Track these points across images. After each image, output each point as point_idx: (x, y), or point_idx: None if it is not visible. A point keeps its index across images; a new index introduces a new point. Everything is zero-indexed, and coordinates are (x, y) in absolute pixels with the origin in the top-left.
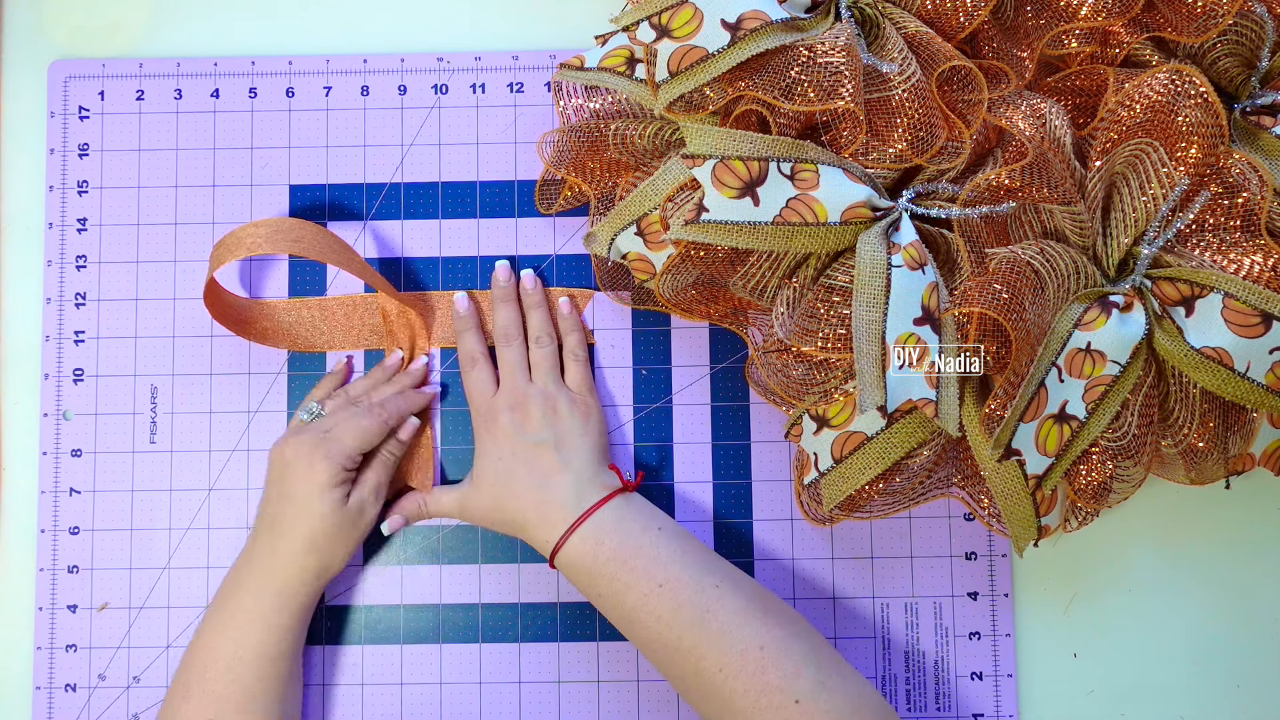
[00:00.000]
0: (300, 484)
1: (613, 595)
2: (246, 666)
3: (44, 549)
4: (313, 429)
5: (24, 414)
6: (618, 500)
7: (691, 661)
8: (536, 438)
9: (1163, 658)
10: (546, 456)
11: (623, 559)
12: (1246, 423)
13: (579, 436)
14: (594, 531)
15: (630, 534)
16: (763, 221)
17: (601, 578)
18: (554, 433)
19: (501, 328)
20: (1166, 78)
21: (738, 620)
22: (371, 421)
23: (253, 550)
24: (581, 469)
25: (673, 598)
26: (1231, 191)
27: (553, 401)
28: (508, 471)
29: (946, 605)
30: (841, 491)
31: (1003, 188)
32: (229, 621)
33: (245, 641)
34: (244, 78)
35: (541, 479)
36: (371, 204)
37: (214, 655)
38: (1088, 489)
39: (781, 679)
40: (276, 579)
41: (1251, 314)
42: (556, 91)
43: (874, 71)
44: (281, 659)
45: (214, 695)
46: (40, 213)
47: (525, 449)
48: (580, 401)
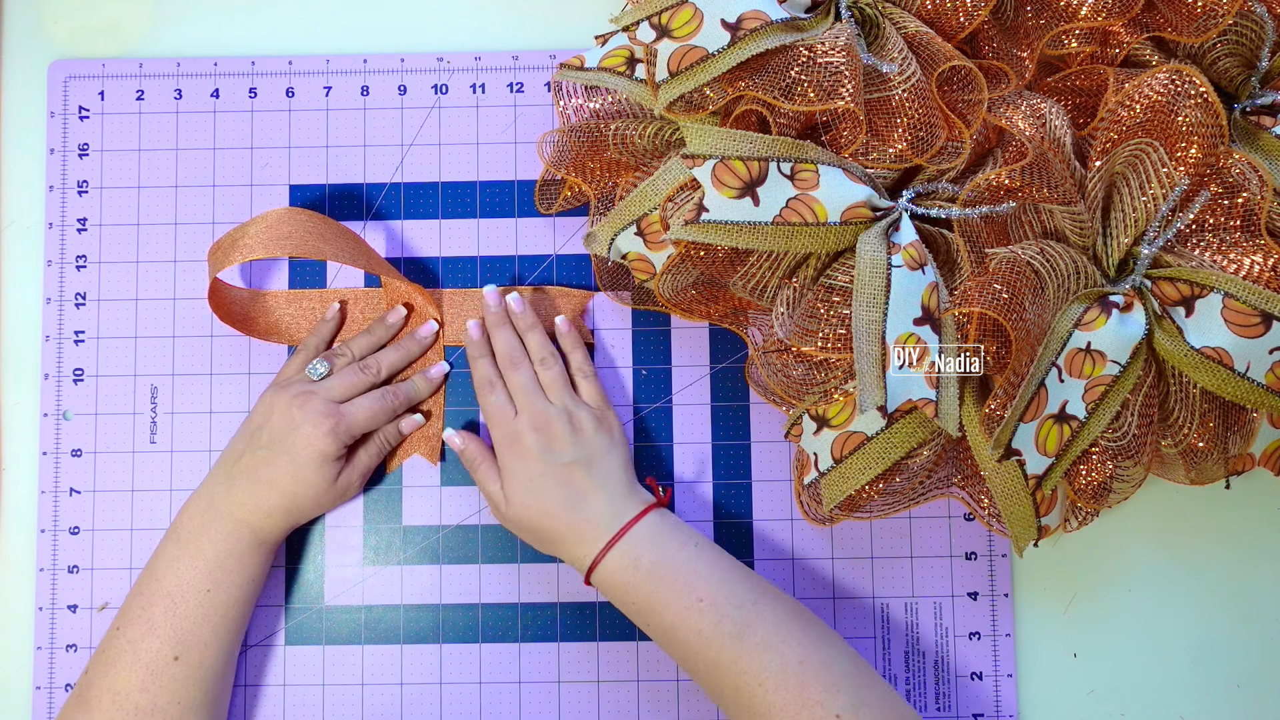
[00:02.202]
0: (302, 448)
1: (651, 611)
2: (217, 600)
3: (44, 549)
4: (319, 391)
5: (24, 414)
6: (653, 515)
7: (731, 676)
8: (566, 457)
9: (1163, 658)
10: (578, 475)
11: (660, 575)
12: (1246, 423)
13: (607, 453)
14: (631, 547)
15: (667, 549)
16: (763, 221)
17: (640, 594)
18: (583, 451)
19: (505, 353)
20: (1166, 78)
21: (777, 635)
22: (383, 406)
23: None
24: (614, 485)
25: (712, 613)
26: (1231, 191)
27: (576, 420)
28: (539, 491)
29: (946, 605)
30: (841, 491)
31: (1003, 188)
32: (196, 555)
33: (218, 576)
34: (244, 78)
35: (575, 498)
36: (371, 204)
37: (183, 589)
38: (1088, 489)
39: (822, 694)
40: (252, 519)
41: (1251, 314)
42: (556, 91)
43: (874, 71)
44: (246, 601)
45: (180, 634)
46: (40, 213)
47: (556, 469)
48: (602, 417)
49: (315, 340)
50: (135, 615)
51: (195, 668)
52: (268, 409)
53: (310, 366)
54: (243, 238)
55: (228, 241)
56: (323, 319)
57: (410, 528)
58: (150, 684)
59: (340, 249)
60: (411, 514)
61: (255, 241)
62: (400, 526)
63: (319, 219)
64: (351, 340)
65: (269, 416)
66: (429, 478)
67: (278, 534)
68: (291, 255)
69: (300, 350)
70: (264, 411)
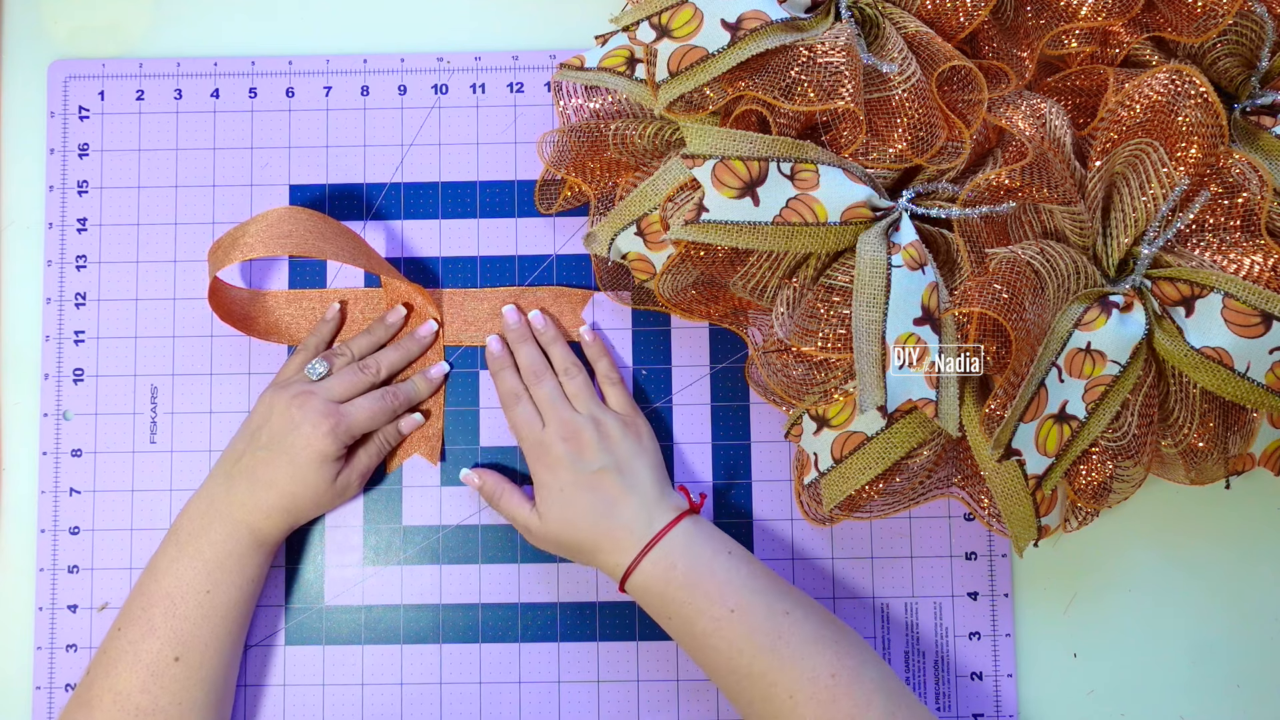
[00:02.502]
0: (302, 449)
1: (684, 620)
2: (217, 601)
3: (44, 549)
4: (319, 391)
5: (24, 414)
6: (686, 522)
7: (761, 688)
8: (596, 465)
9: (1163, 658)
10: (609, 482)
11: (694, 583)
12: (1246, 423)
13: (637, 458)
14: (665, 555)
15: (701, 558)
16: (763, 221)
17: (673, 602)
18: (613, 458)
19: (528, 366)
20: (1166, 78)
21: (809, 648)
22: (383, 406)
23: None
24: (646, 491)
25: (745, 623)
26: (1231, 191)
27: (604, 427)
28: (571, 501)
29: (946, 605)
30: (841, 491)
31: (1003, 188)
32: (196, 556)
33: (218, 577)
34: (244, 78)
35: (608, 505)
36: (372, 204)
37: (183, 590)
38: (1088, 489)
39: (853, 708)
40: (251, 520)
41: (1251, 314)
42: (556, 91)
43: (874, 71)
44: (246, 602)
45: (180, 635)
46: (40, 213)
47: (587, 478)
48: (630, 423)
49: (315, 340)
50: (135, 616)
51: (196, 668)
52: (267, 409)
53: (309, 366)
54: (243, 236)
55: (228, 240)
56: (322, 319)
57: (410, 528)
58: (151, 685)
59: (341, 248)
60: (411, 514)
61: (256, 240)
62: (400, 526)
63: (320, 218)
64: (351, 340)
65: (269, 417)
66: (429, 478)
67: (277, 535)
68: (292, 254)
69: (300, 350)
70: (264, 412)
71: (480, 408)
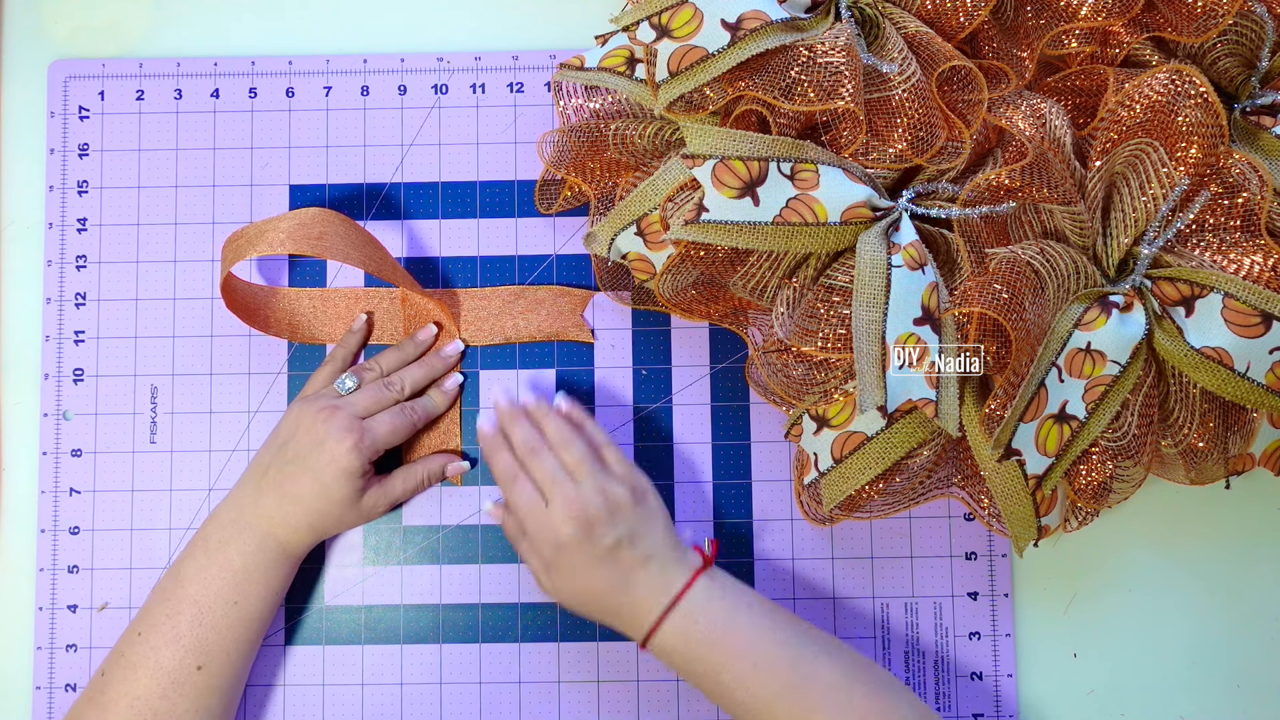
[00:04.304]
0: (327, 465)
1: (706, 675)
2: (244, 612)
3: (44, 549)
4: (345, 406)
5: (24, 414)
6: (703, 580)
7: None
8: (609, 540)
9: (1163, 658)
10: (624, 554)
11: (714, 640)
12: (1246, 423)
13: (647, 522)
14: (683, 618)
15: (720, 614)
16: (763, 221)
17: (697, 660)
18: (625, 527)
19: (523, 443)
20: (1166, 78)
21: (838, 693)
22: (403, 421)
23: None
24: (661, 553)
25: (769, 676)
26: (1231, 191)
27: (610, 496)
28: (587, 578)
29: (946, 605)
30: (841, 491)
31: (1003, 188)
32: (225, 565)
33: (246, 589)
34: (244, 78)
35: (624, 577)
36: (371, 204)
37: (211, 600)
38: (1088, 489)
39: None
40: (279, 533)
41: (1251, 314)
42: (556, 91)
43: (874, 71)
44: (269, 614)
45: (206, 644)
46: (40, 213)
47: (600, 552)
48: (632, 485)
49: (343, 352)
50: (159, 622)
51: (216, 677)
52: (294, 422)
53: (339, 381)
54: (271, 230)
55: (253, 232)
56: (350, 330)
57: (410, 528)
58: (171, 692)
59: (368, 258)
60: (411, 514)
61: (286, 236)
62: (400, 526)
63: (352, 226)
64: (380, 356)
65: (295, 430)
66: None
67: (303, 548)
68: (318, 256)
69: (327, 362)
70: (290, 424)
71: (480, 408)
